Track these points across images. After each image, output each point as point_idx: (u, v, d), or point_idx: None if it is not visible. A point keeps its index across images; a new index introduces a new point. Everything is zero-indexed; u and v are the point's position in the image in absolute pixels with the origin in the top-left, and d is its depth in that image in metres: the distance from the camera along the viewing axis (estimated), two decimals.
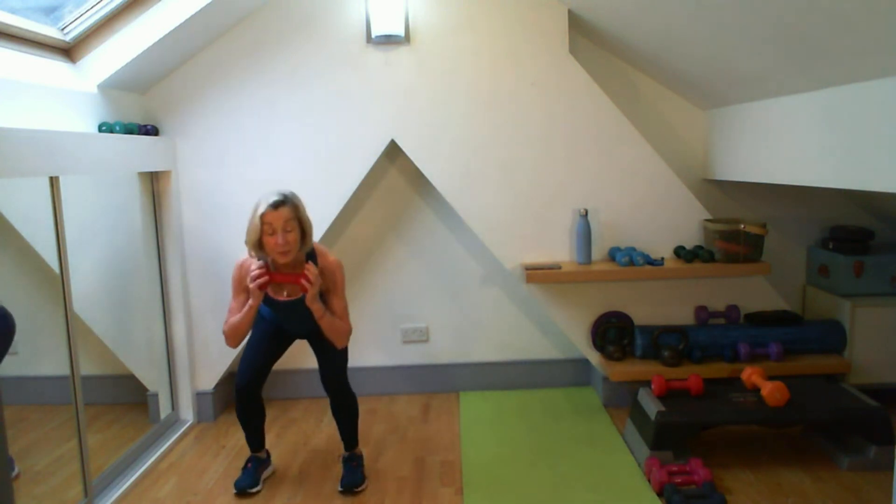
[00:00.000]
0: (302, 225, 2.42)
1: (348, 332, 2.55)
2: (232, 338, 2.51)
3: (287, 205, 2.37)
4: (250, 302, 2.43)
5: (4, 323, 2.44)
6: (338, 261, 2.55)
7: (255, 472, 2.66)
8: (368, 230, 3.58)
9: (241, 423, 2.66)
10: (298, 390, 3.62)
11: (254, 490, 2.62)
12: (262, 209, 2.35)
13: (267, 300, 2.54)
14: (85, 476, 2.47)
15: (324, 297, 2.54)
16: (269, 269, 2.43)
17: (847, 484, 2.54)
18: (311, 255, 2.52)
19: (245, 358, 2.61)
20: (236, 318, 2.48)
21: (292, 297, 2.52)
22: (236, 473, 2.78)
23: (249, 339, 2.66)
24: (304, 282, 2.38)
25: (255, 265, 2.41)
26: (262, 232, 2.36)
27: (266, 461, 2.76)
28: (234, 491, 2.60)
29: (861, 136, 2.25)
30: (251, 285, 2.38)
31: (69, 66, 2.79)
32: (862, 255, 3.31)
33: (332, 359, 2.62)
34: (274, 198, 2.36)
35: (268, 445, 3.05)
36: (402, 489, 2.63)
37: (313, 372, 3.60)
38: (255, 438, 2.70)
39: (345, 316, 2.54)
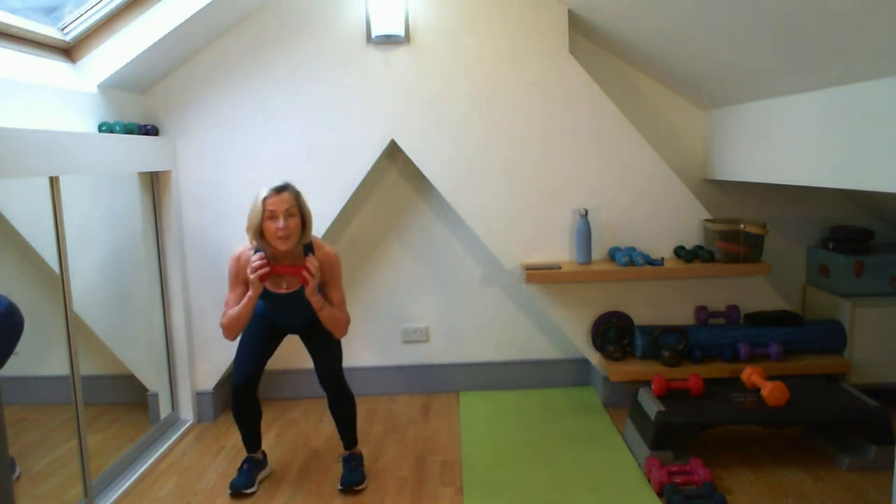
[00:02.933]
0: (302, 213, 2.45)
1: (347, 322, 2.56)
2: (230, 329, 2.49)
3: (289, 191, 2.41)
4: (250, 293, 2.42)
5: (12, 320, 2.43)
6: (335, 253, 2.58)
7: (250, 472, 2.66)
8: (368, 230, 3.58)
9: (238, 422, 2.65)
10: (298, 390, 3.62)
11: (249, 490, 2.61)
12: (263, 194, 2.39)
13: (265, 294, 2.53)
14: (85, 476, 2.47)
15: (322, 289, 2.54)
16: (269, 261, 2.44)
17: (847, 484, 2.54)
18: (308, 248, 2.53)
19: (239, 358, 2.60)
20: (235, 309, 2.47)
21: (291, 289, 2.53)
22: (236, 474, 2.78)
23: (242, 339, 2.63)
24: (305, 273, 2.39)
25: (255, 256, 2.41)
26: (263, 217, 2.38)
27: (262, 462, 2.75)
28: (230, 491, 2.60)
29: (861, 136, 2.25)
30: (252, 276, 2.38)
31: (69, 66, 2.79)
32: (862, 255, 3.31)
33: (327, 355, 2.62)
34: (276, 184, 2.42)
35: (267, 445, 3.05)
36: (402, 489, 2.63)
37: (313, 372, 3.60)
38: (252, 439, 2.70)
39: (343, 307, 2.56)
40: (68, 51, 2.81)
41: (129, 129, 2.89)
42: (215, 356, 3.32)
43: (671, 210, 3.32)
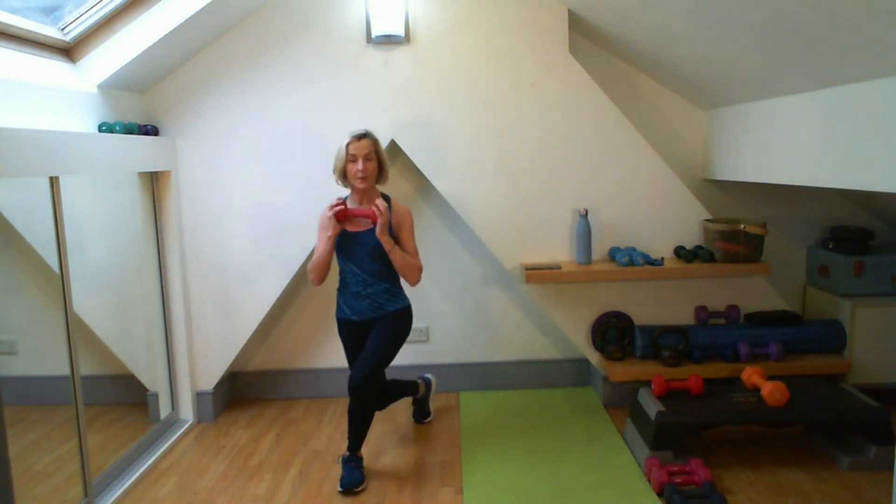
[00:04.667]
0: (379, 158, 2.73)
1: (419, 268, 2.76)
2: (313, 270, 2.72)
3: (368, 137, 2.70)
4: (328, 232, 2.66)
5: None
6: (407, 208, 2.81)
7: (358, 468, 2.68)
8: None
9: (356, 420, 2.70)
10: (298, 390, 3.62)
11: (360, 488, 2.64)
12: (346, 140, 2.69)
13: (343, 244, 2.71)
14: (85, 476, 2.47)
15: (396, 239, 2.72)
16: (346, 206, 2.71)
17: (847, 484, 2.54)
18: (385, 201, 2.76)
19: (353, 363, 2.80)
20: (316, 251, 2.73)
21: (366, 227, 2.72)
22: (236, 473, 2.78)
23: (348, 355, 2.84)
24: (374, 209, 2.62)
25: (333, 201, 2.70)
26: (346, 160, 2.68)
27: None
28: (339, 489, 2.61)
29: (861, 136, 2.25)
30: (328, 214, 2.65)
31: (69, 66, 2.79)
32: (862, 255, 3.31)
33: (371, 354, 2.68)
34: (358, 131, 2.70)
35: (267, 445, 3.06)
36: (402, 489, 2.63)
37: (313, 372, 3.62)
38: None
39: (416, 255, 2.78)
40: (68, 51, 2.81)
41: (129, 129, 2.88)
42: (215, 356, 3.32)
43: (671, 210, 3.31)
